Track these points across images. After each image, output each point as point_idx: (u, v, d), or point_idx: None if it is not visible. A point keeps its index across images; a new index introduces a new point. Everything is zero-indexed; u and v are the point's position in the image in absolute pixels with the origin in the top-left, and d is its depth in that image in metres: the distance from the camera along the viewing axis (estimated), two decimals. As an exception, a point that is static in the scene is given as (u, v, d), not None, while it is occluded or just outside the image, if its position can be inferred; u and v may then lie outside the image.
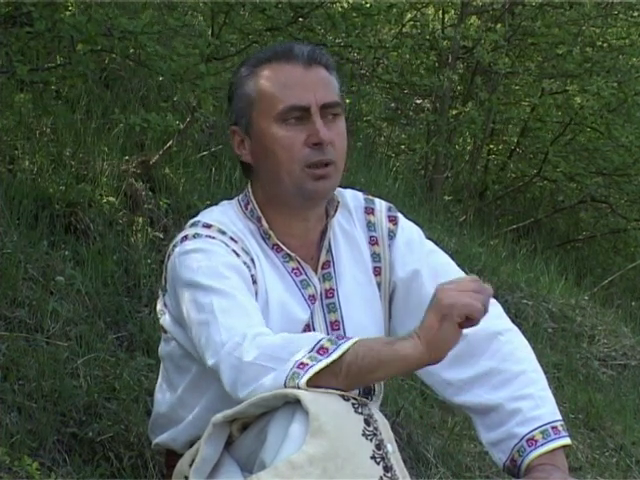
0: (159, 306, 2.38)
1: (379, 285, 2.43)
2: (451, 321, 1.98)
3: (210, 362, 2.11)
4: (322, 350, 2.00)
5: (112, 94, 4.69)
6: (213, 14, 4.55)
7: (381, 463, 1.96)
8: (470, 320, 1.99)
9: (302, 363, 1.99)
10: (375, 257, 2.43)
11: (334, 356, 1.98)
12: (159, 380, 2.44)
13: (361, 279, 2.41)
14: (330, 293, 2.37)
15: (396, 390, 3.73)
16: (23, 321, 3.10)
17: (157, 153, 4.22)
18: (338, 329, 2.35)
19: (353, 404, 1.98)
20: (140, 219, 3.90)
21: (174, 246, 2.29)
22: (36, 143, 3.97)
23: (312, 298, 2.33)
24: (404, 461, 2.03)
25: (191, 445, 2.23)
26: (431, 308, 2.01)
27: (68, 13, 3.44)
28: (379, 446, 1.96)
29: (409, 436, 3.58)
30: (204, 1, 4.71)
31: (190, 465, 2.11)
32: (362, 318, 2.38)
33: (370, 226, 2.44)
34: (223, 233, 2.27)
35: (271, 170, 2.30)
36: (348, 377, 1.99)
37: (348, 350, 1.99)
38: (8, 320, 3.08)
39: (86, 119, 4.29)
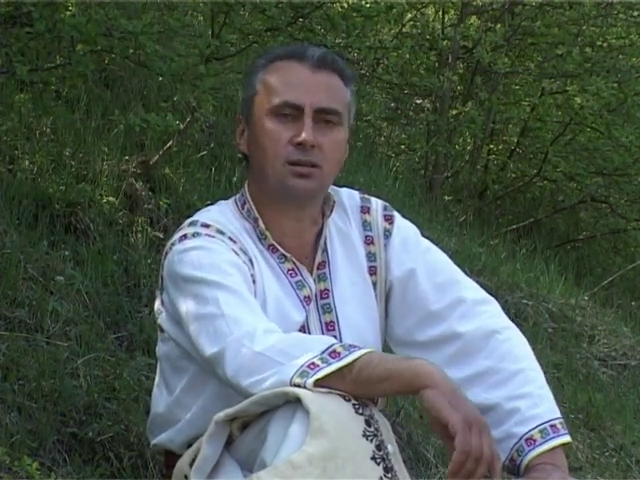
0: (156, 305, 2.38)
1: (374, 285, 2.43)
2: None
3: (212, 350, 2.10)
4: (334, 354, 2.00)
5: (112, 94, 4.69)
6: (213, 14, 4.55)
7: (381, 464, 1.95)
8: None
9: (313, 363, 1.99)
10: (370, 257, 2.43)
11: (346, 361, 1.98)
12: (156, 379, 2.43)
13: (356, 279, 2.40)
14: (325, 294, 2.37)
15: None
16: (23, 321, 3.10)
17: (157, 153, 4.23)
18: (333, 330, 2.35)
19: (354, 405, 1.98)
20: (140, 219, 3.90)
21: (172, 244, 2.29)
22: (36, 143, 3.97)
23: (307, 299, 2.33)
24: (404, 461, 2.02)
25: (189, 445, 2.23)
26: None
27: (68, 13, 3.44)
28: (379, 447, 1.96)
29: (409, 436, 3.58)
30: (204, 1, 4.70)
31: (190, 464, 2.11)
32: (357, 319, 2.38)
33: (366, 225, 2.44)
34: (222, 233, 2.28)
35: (259, 162, 2.33)
36: (356, 382, 1.98)
37: (361, 357, 1.99)
38: (8, 320, 3.08)
39: (86, 119, 4.29)
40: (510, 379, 2.29)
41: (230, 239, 2.27)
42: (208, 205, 2.47)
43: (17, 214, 3.54)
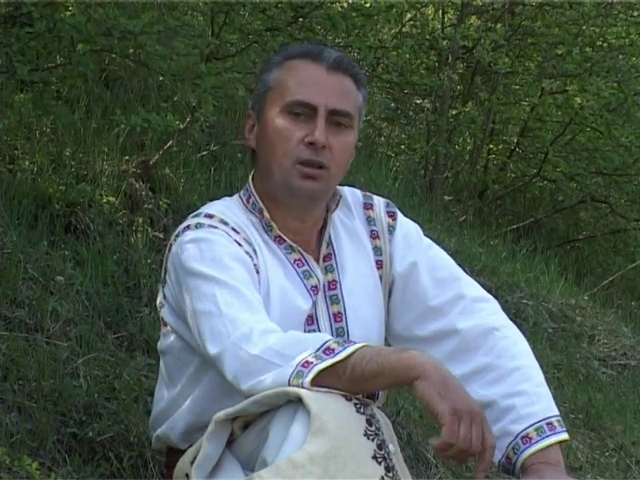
0: (159, 299, 2.38)
1: (381, 278, 2.44)
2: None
3: (213, 351, 2.11)
4: (328, 350, 2.01)
5: (112, 94, 4.69)
6: (213, 14, 4.55)
7: (382, 463, 1.96)
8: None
9: (307, 362, 2.00)
10: (377, 251, 2.45)
11: (339, 357, 1.99)
12: (159, 379, 2.44)
13: (365, 271, 2.42)
14: (333, 285, 2.38)
15: (396, 390, 3.73)
16: (23, 321, 3.10)
17: (157, 153, 4.22)
18: (341, 321, 2.36)
19: (355, 404, 1.98)
20: (140, 219, 3.90)
21: (176, 236, 2.30)
22: (36, 143, 3.97)
23: (315, 289, 2.34)
24: (404, 461, 2.03)
25: (189, 435, 2.25)
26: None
27: (68, 13, 3.43)
28: (381, 446, 1.96)
29: (409, 436, 3.58)
30: (204, 1, 4.70)
31: (192, 463, 2.11)
32: (365, 310, 2.39)
33: (370, 221, 2.46)
34: (225, 223, 2.28)
35: (266, 159, 2.33)
36: (351, 379, 1.99)
37: (354, 352, 1.99)
38: (8, 320, 3.08)
39: (86, 119, 4.29)
40: (507, 376, 2.30)
41: (233, 229, 2.28)
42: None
43: (17, 214, 3.54)
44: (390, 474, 1.96)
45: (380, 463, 1.95)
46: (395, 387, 2.60)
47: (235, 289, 2.16)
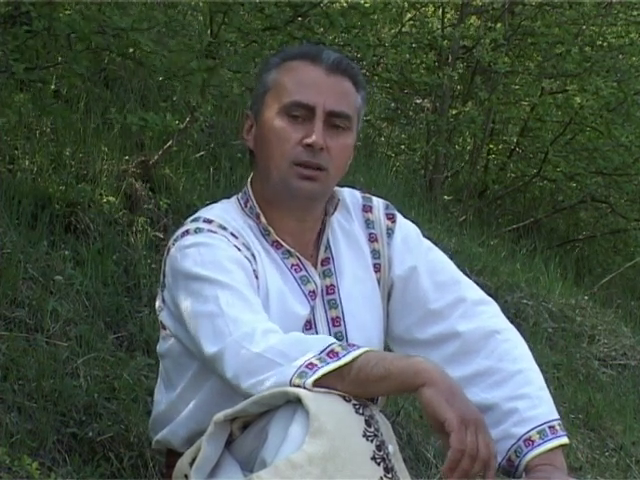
0: (158, 302, 2.38)
1: (379, 282, 2.43)
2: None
3: (212, 350, 2.10)
4: (332, 354, 2.00)
5: (112, 94, 4.70)
6: (212, 13, 4.55)
7: (382, 464, 1.95)
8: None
9: (311, 363, 1.99)
10: (375, 254, 2.44)
11: (344, 360, 1.98)
12: (158, 380, 2.43)
13: (362, 276, 2.41)
14: (331, 289, 2.37)
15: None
16: (23, 321, 3.10)
17: (157, 153, 4.22)
18: (339, 325, 2.36)
19: (354, 405, 1.98)
20: (140, 219, 3.90)
21: (174, 240, 2.29)
22: (36, 143, 3.97)
23: (312, 294, 2.34)
24: (404, 461, 2.03)
25: (190, 440, 2.24)
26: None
27: (67, 12, 3.43)
28: (380, 447, 1.96)
29: (409, 436, 3.58)
30: (203, 0, 4.70)
31: (190, 464, 2.11)
32: (363, 315, 2.39)
33: (369, 224, 2.45)
34: (224, 228, 2.28)
35: (264, 160, 2.33)
36: (354, 383, 1.98)
37: (359, 357, 1.99)
38: (8, 320, 3.08)
39: (86, 119, 4.29)
40: (509, 379, 2.30)
41: (232, 235, 2.28)
42: (208, 205, 2.47)
43: (17, 214, 3.54)
44: (389, 475, 1.95)
45: (379, 464, 1.95)
46: (397, 393, 2.60)
47: (236, 290, 2.16)
